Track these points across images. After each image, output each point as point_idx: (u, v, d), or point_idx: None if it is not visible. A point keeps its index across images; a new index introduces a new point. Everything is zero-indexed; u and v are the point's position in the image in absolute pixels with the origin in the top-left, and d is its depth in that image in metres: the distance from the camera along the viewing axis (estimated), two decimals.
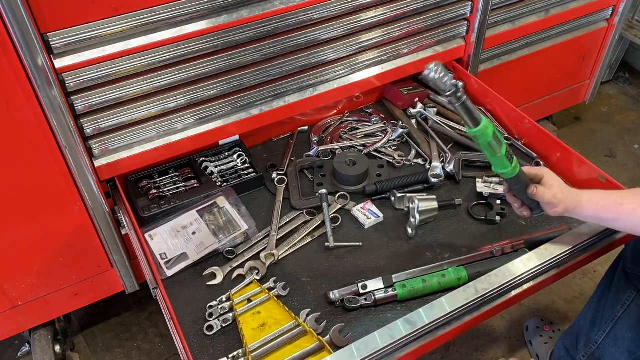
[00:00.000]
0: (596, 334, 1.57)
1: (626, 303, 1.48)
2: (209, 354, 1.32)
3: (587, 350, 1.62)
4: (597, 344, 1.58)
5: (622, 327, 1.49)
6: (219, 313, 1.40)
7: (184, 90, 1.55)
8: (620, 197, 1.33)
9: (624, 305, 1.48)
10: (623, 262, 1.49)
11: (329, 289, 1.42)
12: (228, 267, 1.52)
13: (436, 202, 1.59)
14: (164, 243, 1.54)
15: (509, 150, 1.29)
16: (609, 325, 1.53)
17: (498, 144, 1.27)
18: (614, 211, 1.32)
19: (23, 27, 1.18)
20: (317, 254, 1.55)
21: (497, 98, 1.94)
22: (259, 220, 1.63)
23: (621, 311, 1.49)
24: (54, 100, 1.31)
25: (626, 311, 1.48)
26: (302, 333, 1.33)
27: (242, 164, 1.79)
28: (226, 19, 1.49)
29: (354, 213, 1.66)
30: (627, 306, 1.48)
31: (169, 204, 1.63)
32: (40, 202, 1.48)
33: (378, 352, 1.21)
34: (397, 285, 1.40)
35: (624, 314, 1.48)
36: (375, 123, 2.00)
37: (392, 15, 1.78)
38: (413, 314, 1.27)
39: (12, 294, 1.61)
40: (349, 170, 1.72)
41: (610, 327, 1.53)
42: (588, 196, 1.35)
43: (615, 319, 1.51)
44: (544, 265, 1.40)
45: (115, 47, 1.38)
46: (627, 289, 1.48)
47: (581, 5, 2.23)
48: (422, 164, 1.82)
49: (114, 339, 2.06)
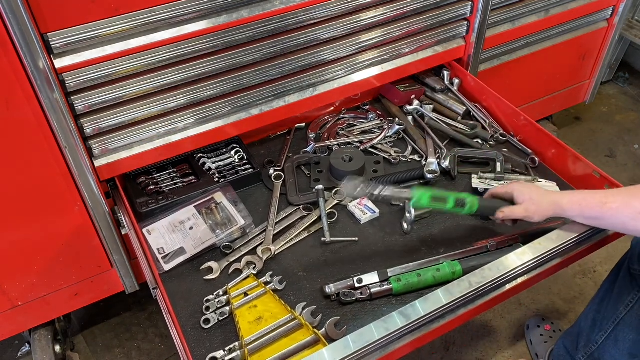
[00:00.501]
0: (597, 335, 1.57)
1: (629, 304, 1.47)
2: (205, 346, 1.33)
3: (587, 350, 1.62)
4: (598, 345, 1.57)
5: (624, 328, 1.49)
6: (215, 307, 1.41)
7: (184, 90, 1.55)
8: (604, 196, 1.34)
9: (627, 307, 1.48)
10: (629, 262, 1.48)
11: (325, 283, 1.43)
12: (225, 261, 1.53)
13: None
14: (161, 238, 1.55)
15: (458, 198, 1.43)
16: (610, 326, 1.53)
17: (441, 202, 1.42)
18: (597, 210, 1.33)
19: (23, 27, 1.18)
20: (314, 249, 1.56)
21: (492, 95, 1.94)
22: (256, 215, 1.64)
23: (624, 312, 1.48)
24: (54, 100, 1.31)
25: (629, 312, 1.47)
26: (298, 326, 1.35)
27: (239, 160, 1.80)
28: (226, 19, 1.49)
29: (350, 208, 1.66)
30: (630, 307, 1.47)
31: (166, 200, 1.64)
32: (40, 202, 1.48)
33: (373, 343, 1.22)
34: (392, 279, 1.42)
35: (627, 316, 1.48)
36: (372, 120, 2.01)
37: (392, 15, 1.79)
38: (408, 307, 1.28)
39: (12, 294, 1.61)
40: (346, 167, 1.73)
41: (611, 328, 1.52)
42: (570, 198, 1.38)
43: (617, 320, 1.51)
44: (538, 259, 1.40)
45: (115, 47, 1.38)
46: (631, 290, 1.47)
47: (581, 5, 2.23)
48: (418, 160, 1.83)
49: (114, 339, 2.07)
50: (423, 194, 1.42)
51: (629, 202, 1.28)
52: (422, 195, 1.42)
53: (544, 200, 1.39)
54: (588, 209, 1.35)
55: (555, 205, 1.38)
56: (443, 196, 1.43)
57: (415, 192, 1.42)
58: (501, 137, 1.87)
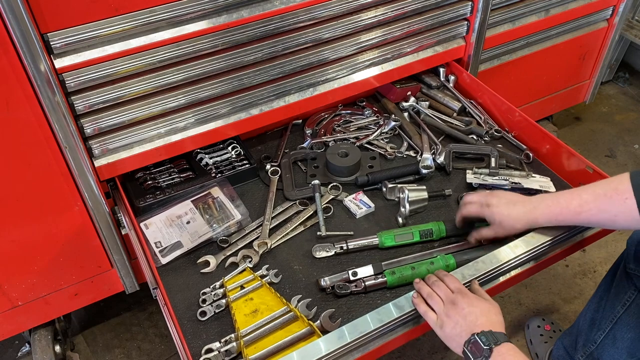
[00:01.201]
0: (595, 334, 1.57)
1: (627, 303, 1.48)
2: (202, 338, 1.34)
3: (585, 350, 1.62)
4: (596, 344, 1.57)
5: (622, 327, 1.49)
6: (212, 299, 1.42)
7: (184, 90, 1.55)
8: (579, 205, 1.29)
9: (624, 306, 1.48)
10: (625, 262, 1.49)
11: (320, 276, 1.44)
12: (222, 255, 1.53)
13: (426, 192, 1.61)
14: (158, 232, 1.56)
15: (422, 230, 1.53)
16: (608, 325, 1.53)
17: (406, 238, 1.52)
18: (573, 219, 1.32)
19: (23, 27, 1.18)
20: (309, 243, 1.56)
21: (487, 91, 1.95)
22: (252, 210, 1.65)
23: (621, 311, 1.49)
24: (54, 101, 1.31)
25: (626, 311, 1.48)
26: (293, 318, 1.36)
27: (236, 155, 1.81)
28: (226, 19, 1.49)
29: (345, 203, 1.67)
30: (627, 306, 1.47)
31: (164, 194, 1.65)
32: (40, 202, 1.48)
33: (368, 334, 1.23)
34: (387, 272, 1.43)
35: (624, 315, 1.48)
36: (368, 116, 2.01)
37: (392, 15, 1.79)
38: (402, 298, 1.30)
39: (12, 294, 1.61)
40: (342, 162, 1.74)
41: (609, 327, 1.53)
42: (543, 211, 1.34)
43: (615, 319, 1.51)
44: (531, 252, 1.40)
45: (115, 47, 1.38)
46: (628, 289, 1.47)
47: (581, 5, 2.23)
48: (413, 156, 1.84)
49: (114, 339, 2.07)
50: (387, 237, 1.51)
51: (604, 208, 1.26)
52: (384, 239, 1.51)
53: (517, 222, 1.37)
54: (564, 221, 1.34)
55: (530, 224, 1.37)
56: (407, 232, 1.52)
57: (380, 236, 1.51)
58: (496, 133, 1.87)
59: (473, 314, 1.18)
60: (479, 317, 1.18)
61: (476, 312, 1.19)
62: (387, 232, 1.53)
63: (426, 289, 1.28)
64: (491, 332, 1.14)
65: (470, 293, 1.25)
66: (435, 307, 1.24)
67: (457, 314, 1.19)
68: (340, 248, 1.51)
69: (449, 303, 1.22)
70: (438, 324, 1.22)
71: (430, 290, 1.27)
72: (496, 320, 1.19)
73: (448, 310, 1.21)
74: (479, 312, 1.19)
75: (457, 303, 1.21)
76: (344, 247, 1.51)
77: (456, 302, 1.21)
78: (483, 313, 1.19)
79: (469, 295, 1.23)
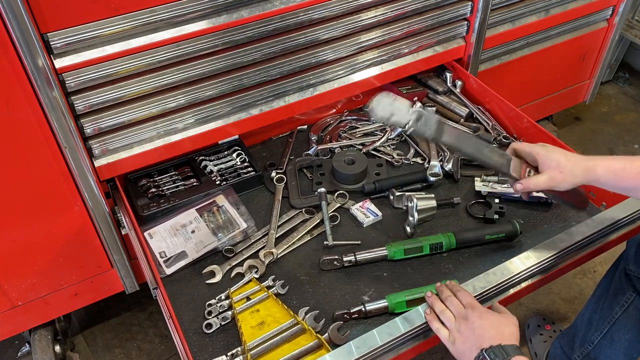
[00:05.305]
0: (592, 335, 1.57)
1: (625, 304, 1.47)
2: (207, 352, 1.32)
3: (582, 350, 1.62)
4: (594, 345, 1.57)
5: (620, 328, 1.49)
6: (217, 311, 1.41)
7: (184, 90, 1.55)
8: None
9: (622, 307, 1.48)
10: (624, 263, 1.49)
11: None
12: (227, 265, 1.52)
13: (434, 201, 1.59)
14: (163, 241, 1.55)
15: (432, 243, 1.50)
16: (606, 326, 1.53)
17: (416, 251, 1.50)
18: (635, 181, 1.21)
19: (23, 27, 1.18)
20: (316, 253, 1.55)
21: (495, 97, 1.94)
22: (258, 218, 1.63)
23: (619, 312, 1.49)
24: (54, 100, 1.31)
25: (624, 313, 1.48)
26: (300, 331, 1.34)
27: (241, 162, 1.80)
28: (226, 19, 1.49)
29: (352, 212, 1.66)
30: (625, 308, 1.47)
31: (168, 203, 1.63)
32: (40, 202, 1.48)
33: (377, 349, 1.21)
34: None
35: (622, 316, 1.48)
36: (374, 122, 2.00)
37: (392, 15, 1.78)
38: (411, 312, 1.28)
39: (12, 294, 1.61)
40: (348, 169, 1.73)
41: (607, 328, 1.53)
42: (607, 164, 1.24)
43: (613, 320, 1.51)
44: (542, 263, 1.39)
45: (115, 47, 1.38)
46: (626, 290, 1.47)
47: (581, 5, 2.23)
48: (420, 163, 1.82)
49: (114, 339, 2.07)
50: (396, 251, 1.49)
51: None
52: (392, 252, 1.49)
53: (576, 167, 1.25)
54: (625, 179, 1.22)
55: (588, 172, 1.25)
56: (417, 245, 1.50)
57: (389, 249, 1.50)
58: (504, 140, 1.85)
59: (482, 327, 1.16)
60: (488, 330, 1.15)
61: (485, 325, 1.17)
62: (396, 244, 1.51)
63: (439, 305, 1.25)
64: (500, 347, 1.11)
65: (481, 307, 1.22)
66: (448, 323, 1.22)
67: (467, 328, 1.18)
68: (349, 262, 1.49)
69: (461, 318, 1.20)
70: (450, 340, 1.20)
71: (443, 307, 1.25)
72: (507, 332, 1.16)
73: (459, 325, 1.19)
74: (488, 325, 1.17)
75: (468, 318, 1.19)
76: (352, 260, 1.49)
77: (467, 317, 1.19)
78: (492, 326, 1.16)
79: (480, 308, 1.21)
